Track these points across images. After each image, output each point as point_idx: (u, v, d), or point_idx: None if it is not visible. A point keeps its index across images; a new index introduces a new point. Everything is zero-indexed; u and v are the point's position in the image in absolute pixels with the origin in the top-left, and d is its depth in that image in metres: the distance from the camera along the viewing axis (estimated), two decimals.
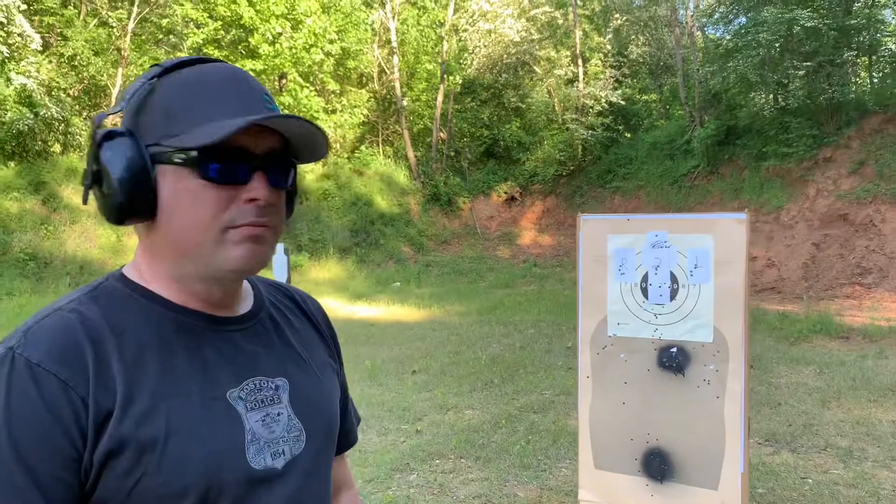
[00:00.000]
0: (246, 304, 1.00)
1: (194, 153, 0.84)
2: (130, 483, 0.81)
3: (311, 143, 0.90)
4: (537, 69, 24.47)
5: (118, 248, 15.55)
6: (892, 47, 17.83)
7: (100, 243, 15.39)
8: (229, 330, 0.94)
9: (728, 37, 19.42)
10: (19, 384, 0.79)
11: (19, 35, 15.08)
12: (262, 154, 0.87)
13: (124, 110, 0.89)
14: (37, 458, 0.78)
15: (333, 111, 21.81)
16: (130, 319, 0.88)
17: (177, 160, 0.85)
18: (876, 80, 18.27)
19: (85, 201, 0.92)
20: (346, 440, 1.18)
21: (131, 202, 0.86)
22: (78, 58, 17.14)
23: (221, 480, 0.85)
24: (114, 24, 18.12)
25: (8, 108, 14.74)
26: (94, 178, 0.88)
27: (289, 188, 0.94)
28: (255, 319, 0.99)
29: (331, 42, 20.17)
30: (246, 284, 1.04)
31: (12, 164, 15.53)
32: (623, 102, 22.78)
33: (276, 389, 0.95)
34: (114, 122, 0.93)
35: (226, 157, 0.85)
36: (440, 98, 23.67)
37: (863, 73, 18.71)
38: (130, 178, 0.85)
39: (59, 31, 17.53)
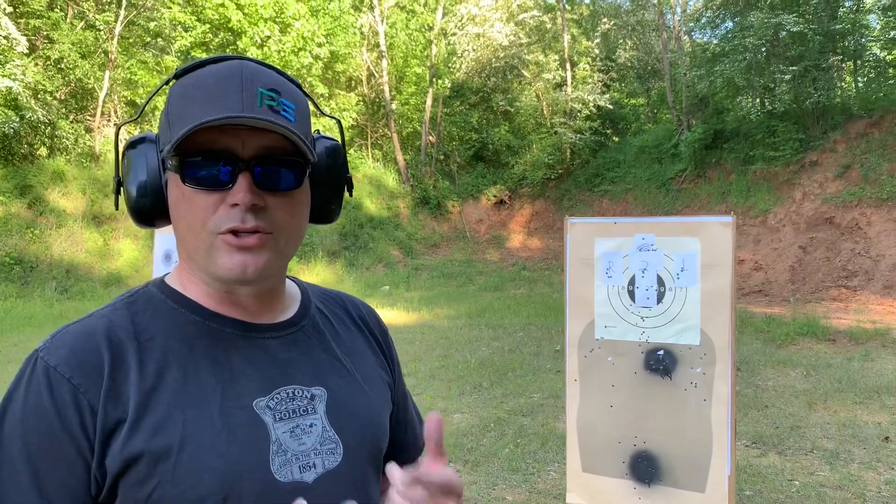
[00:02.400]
0: (289, 311, 0.98)
1: (177, 158, 0.84)
2: (146, 492, 0.80)
3: (296, 144, 0.86)
4: (526, 73, 24.55)
5: (105, 253, 15.44)
6: (877, 52, 17.99)
7: (86, 247, 15.28)
8: (263, 337, 0.92)
9: (715, 41, 19.55)
10: (35, 386, 0.80)
11: (5, 38, 14.96)
12: (251, 155, 0.84)
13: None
14: (43, 460, 0.79)
15: (313, 113, 21.75)
16: (159, 326, 0.88)
17: (169, 166, 0.86)
18: (861, 85, 18.44)
19: (116, 206, 0.95)
20: (408, 452, 1.12)
21: (141, 207, 0.90)
22: (64, 61, 17.02)
23: (241, 492, 0.82)
24: (101, 27, 18.00)
25: None
26: (118, 185, 0.93)
27: (294, 188, 0.89)
28: (297, 327, 0.97)
29: (319, 45, 20.15)
30: (294, 290, 1.03)
31: None
32: (611, 106, 22.88)
33: (312, 399, 0.92)
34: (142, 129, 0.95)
35: (207, 160, 0.83)
36: (429, 101, 23.69)
37: (848, 78, 18.87)
38: (141, 184, 0.89)
39: (45, 33, 17.40)
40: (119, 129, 0.94)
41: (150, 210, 0.90)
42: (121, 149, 0.93)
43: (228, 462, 0.82)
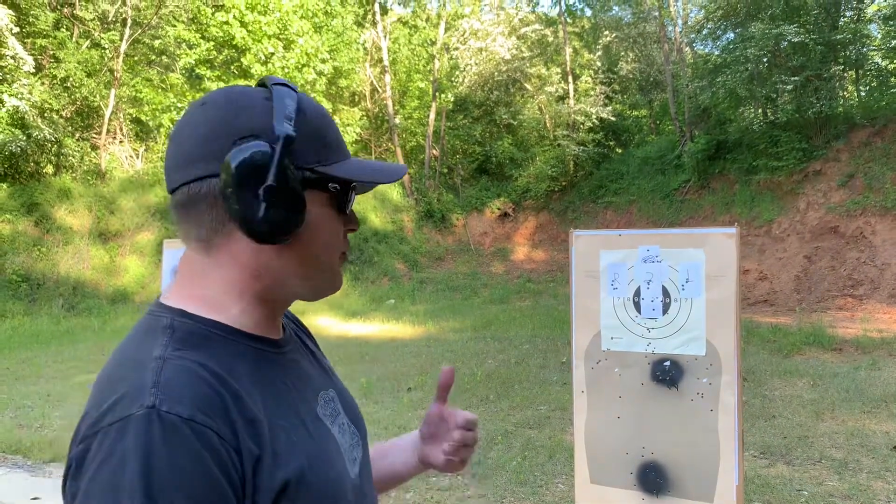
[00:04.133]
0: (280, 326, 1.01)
1: (339, 185, 0.89)
2: None
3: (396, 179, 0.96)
4: (528, 86, 24.65)
5: (112, 269, 15.51)
6: (879, 61, 18.03)
7: (93, 264, 15.35)
8: (286, 351, 0.95)
9: (716, 52, 19.63)
10: (182, 443, 0.72)
11: (12, 57, 15.12)
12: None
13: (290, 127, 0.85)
14: None
15: None
16: (226, 357, 0.84)
17: (331, 188, 0.88)
18: (863, 94, 18.47)
19: (266, 217, 0.82)
20: None
21: (297, 222, 0.84)
22: (70, 79, 17.18)
23: (347, 495, 0.89)
24: (106, 46, 18.18)
25: (0, 129, 14.75)
26: (271, 194, 0.81)
27: None
28: (293, 339, 1.01)
29: (323, 61, 20.29)
30: None
31: (5, 185, 15.52)
32: (613, 118, 22.96)
33: (334, 400, 0.99)
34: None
35: (353, 190, 0.92)
36: (432, 115, 23.80)
37: (850, 87, 18.91)
38: (301, 198, 0.84)
39: (51, 52, 17.57)
40: (288, 141, 0.83)
41: (296, 225, 0.85)
42: (270, 157, 0.84)
43: (336, 471, 0.88)
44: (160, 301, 0.89)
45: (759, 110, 18.88)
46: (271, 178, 0.81)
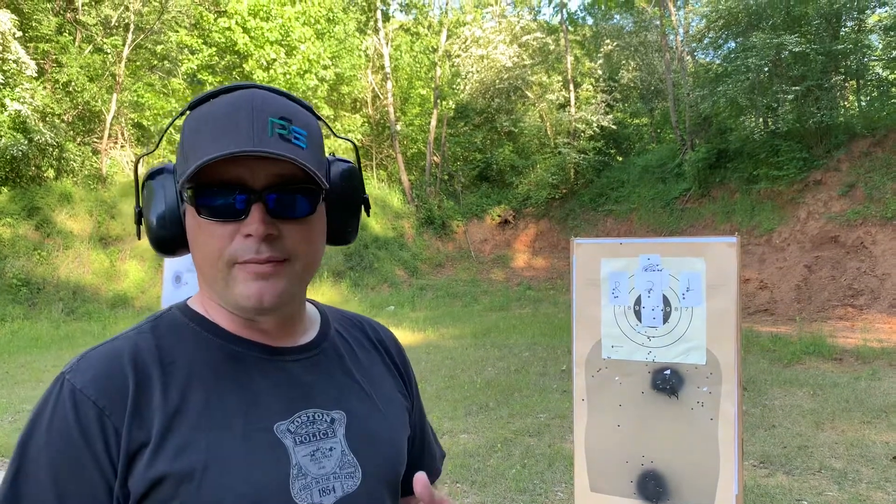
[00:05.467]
0: (309, 334, 0.99)
1: (191, 190, 0.84)
2: None
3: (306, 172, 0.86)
4: (529, 94, 24.70)
5: (112, 274, 15.50)
6: (880, 71, 18.07)
7: (93, 268, 15.34)
8: (285, 360, 0.93)
9: (717, 61, 19.67)
10: (61, 408, 0.81)
11: (14, 62, 15.14)
12: (263, 185, 0.84)
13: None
14: (69, 483, 0.80)
15: (327, 136, 21.94)
16: (183, 349, 0.88)
17: (185, 198, 0.87)
18: (864, 104, 18.50)
19: (139, 237, 0.97)
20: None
21: (161, 238, 0.91)
22: (73, 84, 17.21)
23: None
24: (108, 51, 18.22)
25: (2, 133, 14.76)
26: (139, 216, 0.94)
27: (308, 214, 0.89)
28: (317, 349, 0.97)
29: (325, 68, 20.34)
30: (314, 313, 1.03)
31: (5, 189, 15.52)
32: (614, 126, 22.99)
33: (332, 423, 0.92)
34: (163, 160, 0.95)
35: (219, 191, 0.84)
36: (433, 122, 23.84)
37: (851, 97, 18.93)
38: (160, 215, 0.90)
39: (54, 57, 17.60)
40: (139, 160, 0.95)
41: (171, 240, 0.91)
42: (140, 179, 0.94)
43: (251, 485, 0.83)
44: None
45: (760, 120, 18.89)
46: (138, 201, 0.94)
